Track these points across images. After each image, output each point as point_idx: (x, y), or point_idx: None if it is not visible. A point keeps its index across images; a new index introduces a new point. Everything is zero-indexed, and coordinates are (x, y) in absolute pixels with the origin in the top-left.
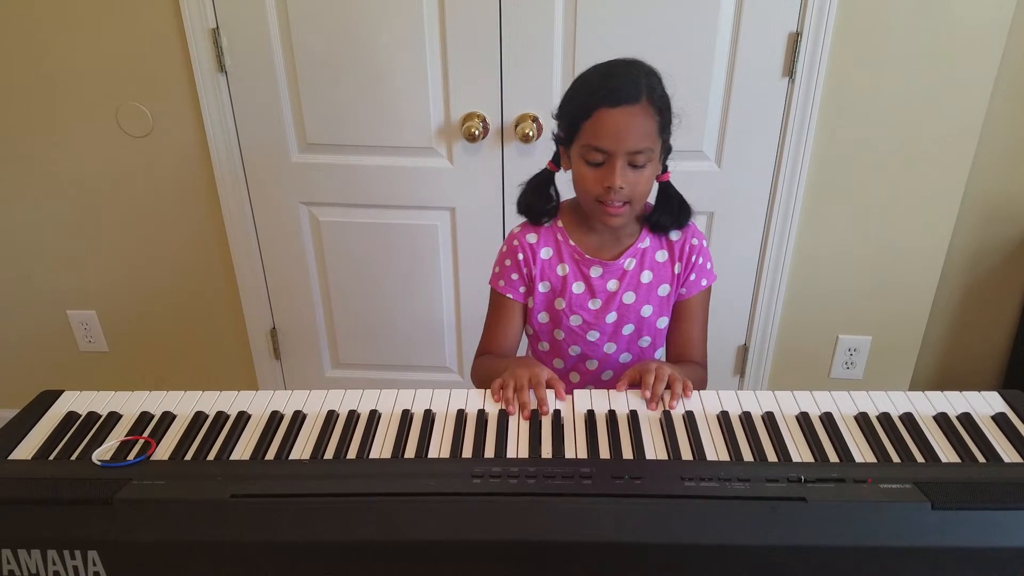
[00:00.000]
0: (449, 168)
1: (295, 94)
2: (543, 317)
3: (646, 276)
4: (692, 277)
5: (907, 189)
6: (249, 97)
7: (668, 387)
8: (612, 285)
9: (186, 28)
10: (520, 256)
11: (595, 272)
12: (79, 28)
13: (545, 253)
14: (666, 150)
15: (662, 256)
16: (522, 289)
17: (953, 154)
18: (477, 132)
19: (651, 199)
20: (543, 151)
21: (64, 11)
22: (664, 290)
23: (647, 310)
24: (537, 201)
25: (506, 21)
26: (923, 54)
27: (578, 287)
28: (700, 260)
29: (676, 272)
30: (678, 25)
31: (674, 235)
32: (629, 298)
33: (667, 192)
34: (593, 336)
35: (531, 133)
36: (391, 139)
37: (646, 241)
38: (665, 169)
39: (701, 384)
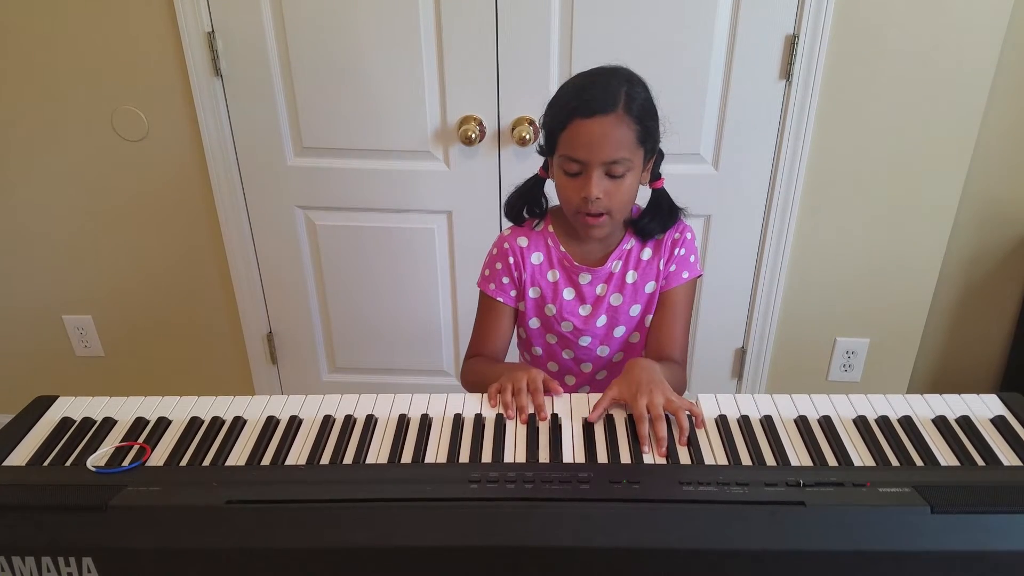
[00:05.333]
0: (446, 172)
1: (291, 98)
2: (534, 323)
3: (631, 276)
4: (673, 268)
5: (904, 192)
6: (245, 101)
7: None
8: (600, 289)
9: (181, 32)
10: (511, 260)
11: (584, 279)
12: (74, 31)
13: (536, 258)
14: (656, 157)
15: (647, 254)
16: (513, 293)
17: (950, 156)
18: (473, 135)
19: (642, 203)
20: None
21: (59, 14)
22: (650, 287)
23: (635, 310)
24: (526, 205)
25: (502, 24)
26: (920, 56)
27: (568, 293)
28: (683, 252)
29: (660, 268)
30: (675, 28)
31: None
32: (616, 300)
33: (658, 199)
34: (585, 341)
35: (528, 136)
36: (387, 143)
37: (631, 242)
38: (658, 176)
39: (679, 386)
